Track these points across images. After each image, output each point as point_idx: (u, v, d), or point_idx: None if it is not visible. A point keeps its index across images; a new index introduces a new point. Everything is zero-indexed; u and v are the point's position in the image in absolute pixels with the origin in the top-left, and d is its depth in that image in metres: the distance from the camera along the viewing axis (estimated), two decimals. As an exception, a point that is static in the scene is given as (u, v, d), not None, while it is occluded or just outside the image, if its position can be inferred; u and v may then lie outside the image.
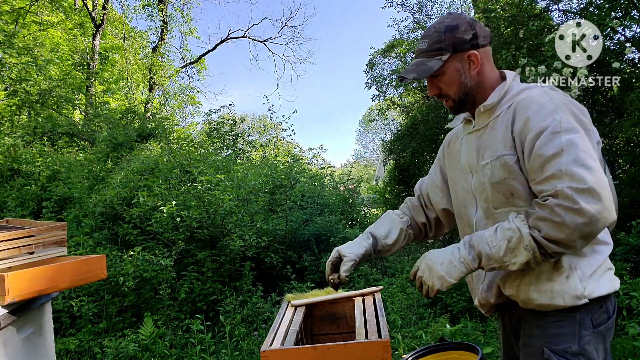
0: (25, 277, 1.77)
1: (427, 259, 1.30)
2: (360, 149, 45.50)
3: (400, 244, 1.65)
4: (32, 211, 6.29)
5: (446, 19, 1.37)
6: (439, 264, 1.27)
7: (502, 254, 1.18)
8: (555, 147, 1.15)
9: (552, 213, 1.10)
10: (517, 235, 1.16)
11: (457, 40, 1.32)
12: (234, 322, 4.13)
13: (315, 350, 1.44)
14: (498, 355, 3.17)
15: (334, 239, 5.48)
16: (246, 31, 17.87)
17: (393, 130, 14.91)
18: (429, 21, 11.30)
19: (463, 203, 1.44)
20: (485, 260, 1.21)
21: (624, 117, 5.32)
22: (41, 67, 10.65)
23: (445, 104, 1.44)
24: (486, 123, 1.36)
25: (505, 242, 1.18)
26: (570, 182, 1.10)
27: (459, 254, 1.25)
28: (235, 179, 6.01)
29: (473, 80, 1.36)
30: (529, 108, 1.24)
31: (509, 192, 1.27)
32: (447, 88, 1.38)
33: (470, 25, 1.34)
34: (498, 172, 1.28)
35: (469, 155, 1.40)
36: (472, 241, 1.25)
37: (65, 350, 3.82)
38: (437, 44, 1.34)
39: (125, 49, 15.31)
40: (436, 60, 1.34)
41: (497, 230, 1.21)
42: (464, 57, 1.34)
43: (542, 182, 1.16)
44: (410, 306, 4.29)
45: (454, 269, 1.25)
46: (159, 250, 4.63)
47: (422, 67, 1.35)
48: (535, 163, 1.18)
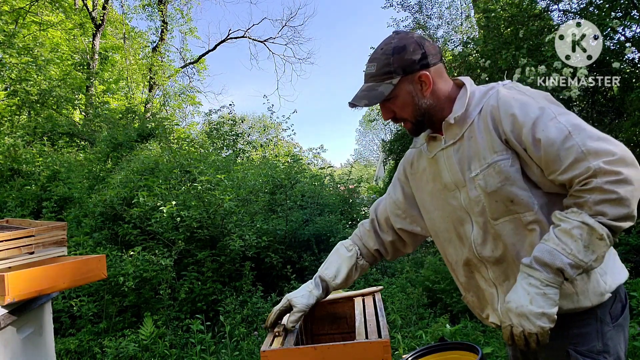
0: (25, 277, 1.77)
1: (512, 310, 1.14)
2: (360, 149, 45.56)
3: (354, 277, 1.66)
4: (32, 211, 6.29)
5: (393, 39, 1.32)
6: (527, 305, 1.11)
7: (582, 256, 1.08)
8: (560, 131, 1.12)
9: (605, 192, 1.06)
10: (586, 229, 1.07)
11: (406, 62, 1.28)
12: (234, 322, 4.13)
13: (315, 350, 1.44)
14: (498, 355, 3.18)
15: (334, 239, 5.48)
16: (246, 31, 17.91)
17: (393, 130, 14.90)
18: (429, 21, 11.31)
19: (458, 221, 1.35)
20: (570, 270, 1.09)
21: (624, 117, 5.32)
22: (41, 67, 10.67)
23: (403, 126, 1.40)
24: (461, 134, 1.30)
25: (577, 242, 1.08)
26: (599, 158, 1.07)
27: (538, 282, 1.11)
28: (235, 179, 6.01)
29: (427, 100, 1.32)
30: (510, 106, 1.21)
31: (508, 199, 1.21)
32: (401, 111, 1.34)
33: (418, 44, 1.29)
34: (493, 180, 1.22)
35: (451, 171, 1.33)
36: (540, 261, 1.12)
37: (65, 350, 3.82)
38: (386, 67, 1.29)
39: (125, 49, 15.32)
40: (386, 84, 1.29)
41: (558, 236, 1.11)
42: (415, 78, 1.30)
43: (569, 170, 1.11)
44: (410, 306, 4.29)
45: (547, 298, 1.10)
46: (159, 250, 4.63)
47: (373, 92, 1.30)
48: (549, 153, 1.13)
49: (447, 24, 11.64)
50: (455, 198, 1.34)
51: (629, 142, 5.38)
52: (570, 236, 1.09)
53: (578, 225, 1.08)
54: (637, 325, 3.15)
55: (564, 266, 1.09)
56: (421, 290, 4.44)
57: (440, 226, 1.42)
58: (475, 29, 10.47)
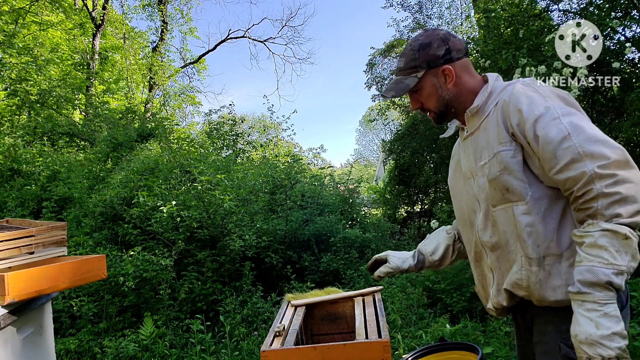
0: (25, 277, 1.77)
1: (583, 342, 1.10)
2: (360, 149, 45.54)
3: (451, 258, 1.71)
4: (32, 211, 6.29)
5: (420, 36, 1.44)
6: (595, 331, 1.08)
7: (620, 261, 1.08)
8: (560, 131, 1.16)
9: (609, 195, 1.08)
10: (609, 234, 1.08)
11: (431, 57, 1.40)
12: (234, 322, 4.13)
13: (315, 350, 1.44)
14: (498, 355, 3.17)
15: (334, 239, 5.48)
16: (246, 31, 17.91)
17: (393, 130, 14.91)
18: (429, 21, 11.32)
19: (471, 209, 1.43)
20: (616, 280, 1.08)
21: (624, 117, 5.32)
22: (41, 67, 10.66)
23: (428, 116, 1.51)
24: (478, 125, 1.39)
25: (608, 251, 1.09)
26: (594, 161, 1.11)
27: (595, 304, 1.09)
28: (235, 179, 6.01)
29: (451, 92, 1.42)
30: (518, 102, 1.26)
31: (504, 187, 1.28)
32: (427, 102, 1.46)
33: (443, 41, 1.40)
34: (494, 169, 1.29)
35: (468, 161, 1.43)
36: (585, 283, 1.10)
37: (65, 350, 3.82)
38: (412, 62, 1.42)
39: (125, 49, 15.30)
40: (412, 77, 1.42)
41: (588, 252, 1.11)
42: (439, 72, 1.41)
43: (564, 170, 1.15)
44: (410, 306, 4.29)
45: (610, 317, 1.08)
46: (159, 250, 4.63)
47: (400, 85, 1.44)
48: (546, 151, 1.18)
49: (447, 24, 11.64)
50: (470, 186, 1.42)
51: (629, 142, 5.37)
52: (600, 247, 1.09)
53: (601, 235, 1.09)
54: (637, 325, 3.15)
55: (610, 277, 1.08)
56: (421, 290, 4.44)
57: (462, 214, 1.50)
58: (475, 29, 10.47)
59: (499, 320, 3.72)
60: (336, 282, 5.06)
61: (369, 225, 6.69)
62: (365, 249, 5.72)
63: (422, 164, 9.79)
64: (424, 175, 9.45)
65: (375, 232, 6.18)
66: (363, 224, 6.73)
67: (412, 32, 11.43)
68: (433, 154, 9.52)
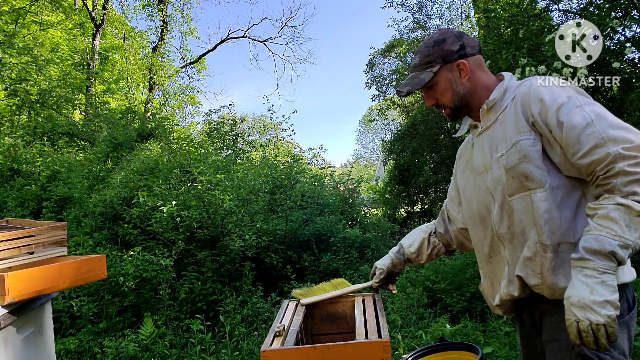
0: (25, 277, 1.77)
1: (574, 304, 1.12)
2: (360, 149, 45.57)
3: (426, 251, 1.80)
4: (32, 211, 6.29)
5: (435, 34, 1.48)
6: (589, 295, 1.10)
7: (628, 235, 1.10)
8: (583, 118, 1.19)
9: (629, 174, 1.11)
10: (623, 209, 1.10)
11: (445, 52, 1.42)
12: (234, 322, 4.13)
13: (315, 350, 1.44)
14: (498, 355, 3.17)
15: (334, 239, 5.48)
16: (246, 31, 17.90)
17: (393, 130, 14.91)
18: (429, 21, 11.32)
19: (484, 205, 1.44)
20: (620, 252, 1.10)
21: (624, 117, 5.32)
22: (41, 67, 10.66)
23: (443, 113, 1.52)
24: (495, 119, 1.41)
25: (619, 224, 1.10)
26: (617, 145, 1.13)
27: (594, 271, 1.11)
28: (235, 179, 6.01)
29: (465, 87, 1.44)
30: (540, 92, 1.29)
31: (523, 175, 1.29)
32: (442, 97, 1.47)
33: (457, 37, 1.44)
34: (512, 157, 1.31)
35: (482, 155, 1.44)
36: (589, 250, 1.13)
37: (65, 350, 3.82)
38: (427, 57, 1.44)
39: (125, 49, 15.30)
40: (427, 72, 1.44)
41: (598, 222, 1.13)
42: (454, 66, 1.43)
43: (587, 155, 1.17)
44: (410, 306, 4.29)
45: (607, 285, 1.09)
46: (159, 250, 4.63)
47: (415, 80, 1.46)
48: (570, 136, 1.20)
49: (447, 24, 11.64)
50: (483, 181, 1.43)
51: (629, 142, 5.37)
52: (610, 219, 1.12)
53: (615, 208, 1.12)
54: (638, 325, 3.15)
55: (614, 248, 1.10)
56: (421, 290, 4.44)
57: (472, 213, 1.51)
58: (475, 29, 10.47)
59: (499, 320, 3.72)
60: (336, 282, 5.06)
61: (369, 225, 6.69)
62: (365, 249, 5.72)
63: (422, 164, 9.79)
64: (424, 175, 9.45)
65: (375, 232, 6.18)
66: (363, 224, 6.73)
67: (412, 32, 11.45)
68: (433, 154, 9.52)
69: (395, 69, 12.09)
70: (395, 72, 11.99)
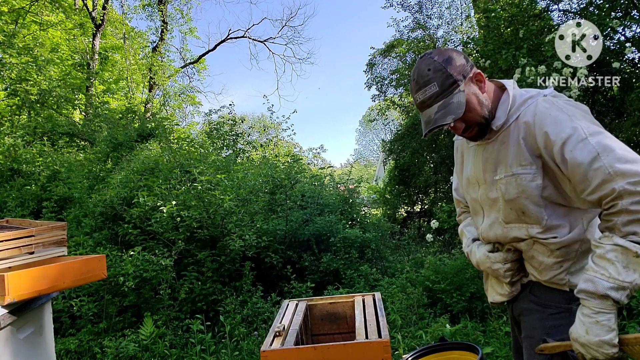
0: (25, 277, 1.77)
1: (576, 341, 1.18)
2: (360, 149, 45.58)
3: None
4: (32, 211, 6.29)
5: (432, 58, 1.31)
6: (585, 335, 1.15)
7: (623, 277, 1.11)
8: (589, 153, 1.16)
9: (632, 213, 1.11)
10: (620, 249, 1.11)
11: (460, 67, 1.30)
12: (234, 322, 4.13)
13: (315, 350, 1.44)
14: (498, 355, 3.17)
15: (334, 239, 5.48)
16: (246, 31, 17.90)
17: (393, 130, 14.92)
18: (429, 21, 11.31)
19: (478, 204, 1.48)
20: (614, 294, 1.12)
21: (624, 117, 5.32)
22: (41, 67, 10.66)
23: (467, 135, 1.38)
24: (495, 137, 1.36)
25: (615, 265, 1.12)
26: (625, 179, 1.11)
27: (590, 311, 1.15)
28: (235, 179, 6.01)
29: (487, 97, 1.35)
30: (543, 123, 1.24)
31: (520, 210, 1.30)
32: (472, 115, 1.32)
33: (456, 52, 1.34)
34: (512, 190, 1.30)
35: (475, 167, 1.43)
36: (584, 291, 1.16)
37: (65, 350, 3.82)
38: (448, 79, 1.28)
39: (125, 49, 15.29)
40: (458, 93, 1.28)
41: (596, 262, 1.16)
42: (473, 79, 1.33)
43: (596, 191, 1.16)
44: (410, 306, 4.29)
45: (601, 325, 1.13)
46: (159, 250, 4.63)
47: (451, 106, 1.28)
48: (577, 174, 1.18)
49: (447, 24, 11.64)
50: (474, 191, 1.45)
51: (629, 142, 5.37)
52: (607, 260, 1.13)
53: (612, 249, 1.13)
54: (637, 325, 3.15)
55: (607, 291, 1.12)
56: (421, 290, 4.43)
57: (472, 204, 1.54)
58: (475, 29, 10.47)
59: (499, 320, 3.72)
60: (336, 282, 5.06)
61: (369, 225, 6.69)
62: (365, 249, 5.72)
63: (422, 164, 9.79)
64: (424, 175, 9.45)
65: (375, 232, 6.17)
66: (363, 224, 6.72)
67: (412, 32, 11.43)
68: (433, 154, 9.52)
69: (395, 69, 12.08)
70: (395, 72, 11.98)
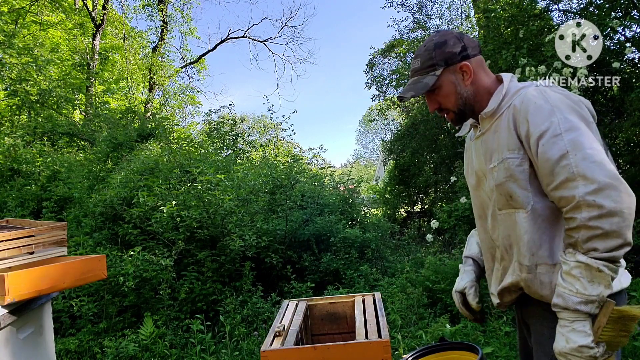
0: (25, 277, 1.77)
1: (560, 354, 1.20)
2: (360, 149, 45.62)
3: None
4: (32, 211, 6.29)
5: (434, 36, 1.43)
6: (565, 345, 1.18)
7: (590, 291, 1.14)
8: (559, 149, 1.18)
9: (591, 229, 1.12)
10: (583, 266, 1.14)
11: (448, 54, 1.38)
12: (234, 322, 4.13)
13: (315, 350, 1.44)
14: (498, 355, 3.17)
15: (334, 239, 5.48)
16: (246, 31, 17.91)
17: (393, 130, 14.92)
18: (429, 21, 11.31)
19: (485, 205, 1.46)
20: (583, 307, 1.15)
21: (624, 117, 5.32)
22: (41, 67, 10.66)
23: (447, 117, 1.48)
24: (490, 125, 1.40)
25: (580, 281, 1.15)
26: (585, 185, 1.12)
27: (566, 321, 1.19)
28: (235, 179, 6.01)
29: (469, 90, 1.41)
30: (527, 111, 1.27)
31: (508, 194, 1.31)
32: (446, 101, 1.43)
33: (458, 39, 1.40)
34: (500, 175, 1.32)
35: (479, 161, 1.44)
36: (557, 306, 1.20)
37: (65, 350, 3.82)
38: (429, 60, 1.40)
39: (125, 49, 15.29)
40: (431, 76, 1.39)
41: (564, 278, 1.18)
42: (457, 69, 1.39)
43: (558, 188, 1.18)
44: (410, 306, 4.29)
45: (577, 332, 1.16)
46: (159, 250, 4.63)
47: (419, 84, 1.41)
48: (545, 168, 1.21)
49: (447, 24, 11.63)
50: (483, 184, 1.45)
51: (629, 142, 5.37)
52: (572, 277, 1.16)
53: (575, 265, 1.16)
54: (637, 326, 3.15)
55: (577, 306, 1.16)
56: (421, 290, 4.43)
57: (476, 208, 1.53)
58: (475, 29, 10.47)
59: (499, 320, 3.72)
60: (336, 282, 5.06)
61: (369, 225, 6.69)
62: (365, 249, 5.72)
63: (422, 164, 9.79)
64: (424, 175, 9.45)
65: (375, 232, 6.17)
66: (363, 224, 6.73)
67: (412, 32, 11.43)
68: (433, 154, 9.52)
69: (395, 69, 12.08)
70: (395, 72, 11.98)
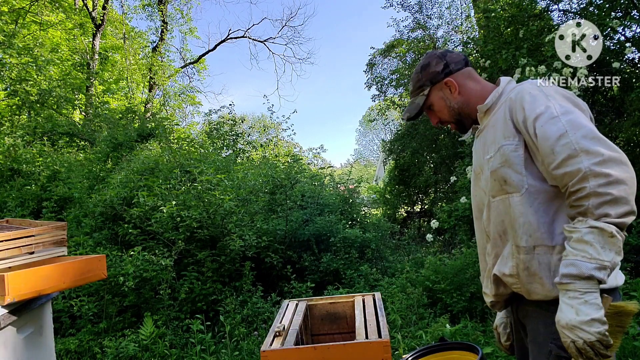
0: (25, 277, 1.77)
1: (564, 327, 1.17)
2: (360, 149, 45.62)
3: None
4: (32, 211, 6.29)
5: (421, 60, 1.61)
6: (575, 317, 1.14)
7: (603, 256, 1.13)
8: (558, 129, 1.21)
9: (601, 195, 1.13)
10: (596, 231, 1.13)
11: (432, 74, 1.53)
12: (234, 322, 4.13)
13: (315, 350, 1.44)
14: (498, 355, 3.17)
15: (334, 239, 5.48)
16: (246, 31, 17.90)
17: (393, 130, 14.92)
18: (429, 21, 11.31)
19: (483, 202, 1.49)
20: (598, 274, 1.13)
21: (624, 117, 5.32)
22: (41, 67, 10.66)
23: (450, 128, 1.63)
24: (487, 121, 1.47)
25: (594, 246, 1.13)
26: (589, 158, 1.15)
27: (577, 293, 1.15)
28: (235, 179, 6.01)
29: (459, 101, 1.52)
30: (523, 99, 1.32)
31: (502, 179, 1.34)
32: (441, 115, 1.58)
33: (439, 58, 1.54)
34: (496, 161, 1.36)
35: (477, 157, 1.51)
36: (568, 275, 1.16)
37: (65, 350, 3.82)
38: (418, 82, 1.57)
39: (125, 49, 15.30)
40: (421, 96, 1.57)
41: (574, 246, 1.16)
42: (442, 85, 1.53)
43: (561, 166, 1.19)
44: (410, 306, 4.29)
45: (590, 304, 1.13)
46: (159, 250, 4.63)
47: (412, 105, 1.60)
48: (544, 147, 1.23)
49: (447, 24, 11.63)
50: (480, 179, 1.49)
51: (629, 142, 5.38)
52: (585, 242, 1.15)
53: (588, 231, 1.14)
54: (637, 326, 3.15)
55: (591, 271, 1.13)
56: (421, 290, 4.44)
57: (474, 207, 1.56)
58: (475, 29, 10.47)
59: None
60: (336, 282, 5.06)
61: (369, 225, 6.69)
62: (365, 249, 5.72)
63: (422, 164, 9.79)
64: (424, 175, 9.46)
65: (375, 232, 6.18)
66: (363, 224, 6.73)
67: (412, 32, 11.43)
68: (433, 154, 9.52)
69: (395, 69, 12.08)
70: (395, 72, 11.98)
